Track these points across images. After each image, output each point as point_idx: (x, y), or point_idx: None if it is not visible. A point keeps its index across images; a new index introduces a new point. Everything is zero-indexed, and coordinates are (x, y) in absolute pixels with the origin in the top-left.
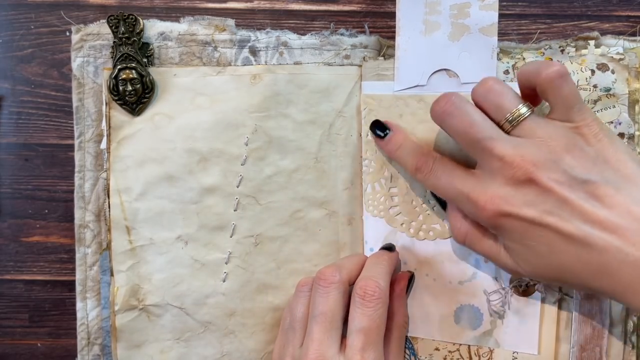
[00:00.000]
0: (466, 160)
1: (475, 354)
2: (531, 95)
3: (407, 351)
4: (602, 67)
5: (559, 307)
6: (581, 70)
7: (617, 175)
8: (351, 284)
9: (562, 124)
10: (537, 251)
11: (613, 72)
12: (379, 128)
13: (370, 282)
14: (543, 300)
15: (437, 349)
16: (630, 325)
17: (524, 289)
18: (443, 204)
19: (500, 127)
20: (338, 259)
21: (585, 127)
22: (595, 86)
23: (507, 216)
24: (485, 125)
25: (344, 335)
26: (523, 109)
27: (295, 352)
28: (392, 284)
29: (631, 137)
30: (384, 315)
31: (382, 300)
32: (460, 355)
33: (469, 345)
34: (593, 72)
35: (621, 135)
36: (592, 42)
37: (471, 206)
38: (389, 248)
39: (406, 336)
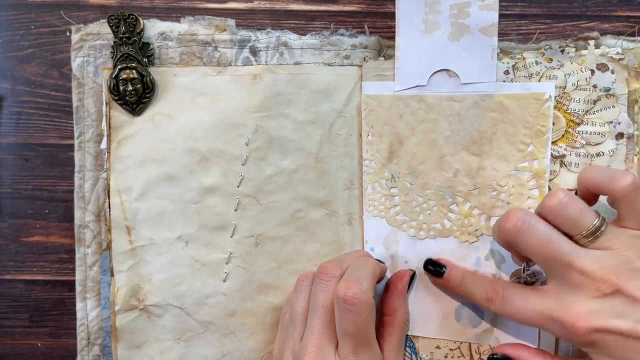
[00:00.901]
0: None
1: (476, 351)
2: (591, 197)
3: (407, 349)
4: (602, 67)
5: None
6: (581, 71)
7: None
8: None
9: (635, 232)
10: None
11: (613, 72)
12: (434, 266)
13: (351, 285)
14: None
15: (438, 347)
16: None
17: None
18: None
19: (575, 240)
20: (339, 254)
21: None
22: (595, 86)
23: (601, 331)
24: (561, 241)
25: None
26: (598, 223)
27: (295, 346)
28: (394, 282)
29: (630, 137)
30: (370, 317)
31: (365, 302)
32: (462, 353)
33: (470, 343)
34: (593, 72)
35: (620, 135)
36: (592, 42)
37: (558, 327)
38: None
39: (406, 335)
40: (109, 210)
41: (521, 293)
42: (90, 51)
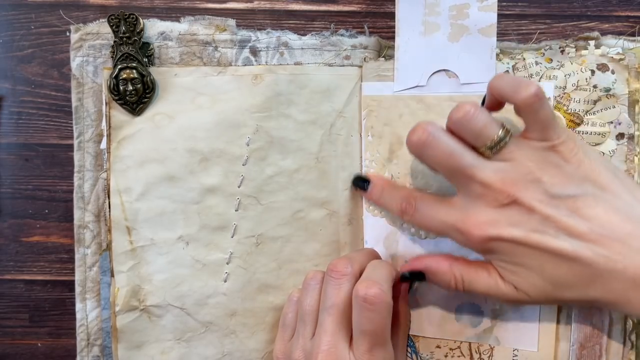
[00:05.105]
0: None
1: (476, 351)
2: (498, 104)
3: (407, 349)
4: (602, 68)
5: (559, 306)
6: (581, 71)
7: (595, 186)
8: None
9: (538, 144)
10: (530, 269)
11: (613, 72)
12: (360, 181)
13: (372, 284)
14: None
15: (438, 347)
16: (630, 324)
17: None
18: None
19: (479, 152)
20: (348, 252)
21: (561, 145)
22: (595, 86)
23: (495, 239)
24: (464, 154)
25: None
26: (502, 135)
27: (306, 344)
28: (396, 284)
29: (631, 137)
30: (388, 317)
31: (385, 302)
32: (462, 352)
33: (470, 343)
34: (593, 72)
35: (621, 135)
36: (592, 43)
37: (460, 235)
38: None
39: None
40: (109, 211)
41: (432, 204)
42: (89, 51)
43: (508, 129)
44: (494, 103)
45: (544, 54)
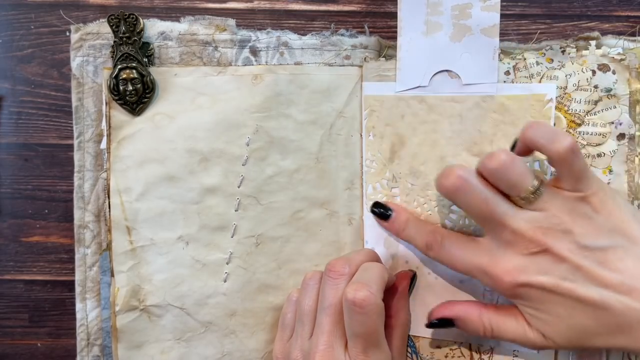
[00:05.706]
0: None
1: (476, 351)
2: (529, 151)
3: (408, 349)
4: (603, 68)
5: None
6: (582, 71)
7: (625, 238)
8: None
9: (570, 195)
10: (558, 316)
11: (614, 72)
12: (381, 208)
13: (360, 287)
14: None
15: (438, 347)
16: None
17: None
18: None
19: (512, 200)
20: (347, 252)
21: (593, 195)
22: (596, 87)
23: (525, 286)
24: (498, 202)
25: None
26: (536, 185)
27: (304, 344)
28: (395, 284)
29: (632, 138)
30: (380, 319)
31: (375, 305)
32: (462, 352)
33: (470, 343)
34: (594, 72)
35: (622, 135)
36: (593, 43)
37: (488, 279)
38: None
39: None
40: (109, 211)
41: (459, 243)
42: (89, 51)
43: (542, 180)
44: (524, 150)
45: (544, 54)
